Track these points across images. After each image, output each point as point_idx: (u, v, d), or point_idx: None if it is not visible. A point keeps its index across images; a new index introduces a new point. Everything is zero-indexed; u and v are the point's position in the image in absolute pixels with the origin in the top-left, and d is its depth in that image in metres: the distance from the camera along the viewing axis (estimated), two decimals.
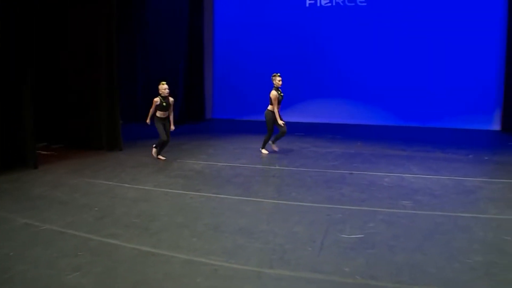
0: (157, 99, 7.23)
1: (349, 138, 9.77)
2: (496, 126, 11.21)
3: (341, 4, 11.57)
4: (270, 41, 12.14)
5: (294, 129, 10.41)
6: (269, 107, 7.67)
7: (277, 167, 7.01)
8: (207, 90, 12.69)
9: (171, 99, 7.34)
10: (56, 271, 3.27)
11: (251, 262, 3.49)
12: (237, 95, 12.44)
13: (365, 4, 11.44)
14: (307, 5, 11.77)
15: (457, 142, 9.30)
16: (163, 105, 7.22)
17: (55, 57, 8.40)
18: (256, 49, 12.24)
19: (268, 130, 7.82)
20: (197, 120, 11.99)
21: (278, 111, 7.62)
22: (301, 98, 12.10)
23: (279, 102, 7.63)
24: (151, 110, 7.35)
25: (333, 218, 4.57)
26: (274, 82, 7.67)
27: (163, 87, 7.24)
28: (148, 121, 7.48)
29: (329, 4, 11.62)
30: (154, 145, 7.58)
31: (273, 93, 7.58)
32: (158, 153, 7.53)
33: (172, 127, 7.44)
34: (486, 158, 7.85)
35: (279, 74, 7.66)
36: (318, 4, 11.68)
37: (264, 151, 8.03)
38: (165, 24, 11.57)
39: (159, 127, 7.26)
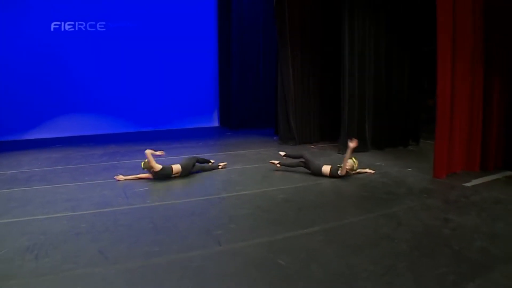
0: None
1: (103, 144, 11.26)
2: (216, 123, 15.28)
3: (83, 29, 13.27)
4: (18, 64, 12.47)
5: (50, 143, 11.44)
6: None
7: (59, 167, 8.39)
8: None
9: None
10: None
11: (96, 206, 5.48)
12: None
13: (104, 29, 13.52)
14: (52, 29, 12.88)
15: (189, 137, 12.38)
16: None
17: None
18: (2, 74, 12.37)
19: None
20: None
21: None
22: (49, 116, 13.03)
23: None
24: None
25: (117, 186, 6.73)
26: None
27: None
28: None
29: (73, 29, 13.11)
30: None
31: None
32: None
33: None
34: (211, 143, 11.11)
35: None
36: (63, 29, 12.99)
37: None
38: None
39: None
